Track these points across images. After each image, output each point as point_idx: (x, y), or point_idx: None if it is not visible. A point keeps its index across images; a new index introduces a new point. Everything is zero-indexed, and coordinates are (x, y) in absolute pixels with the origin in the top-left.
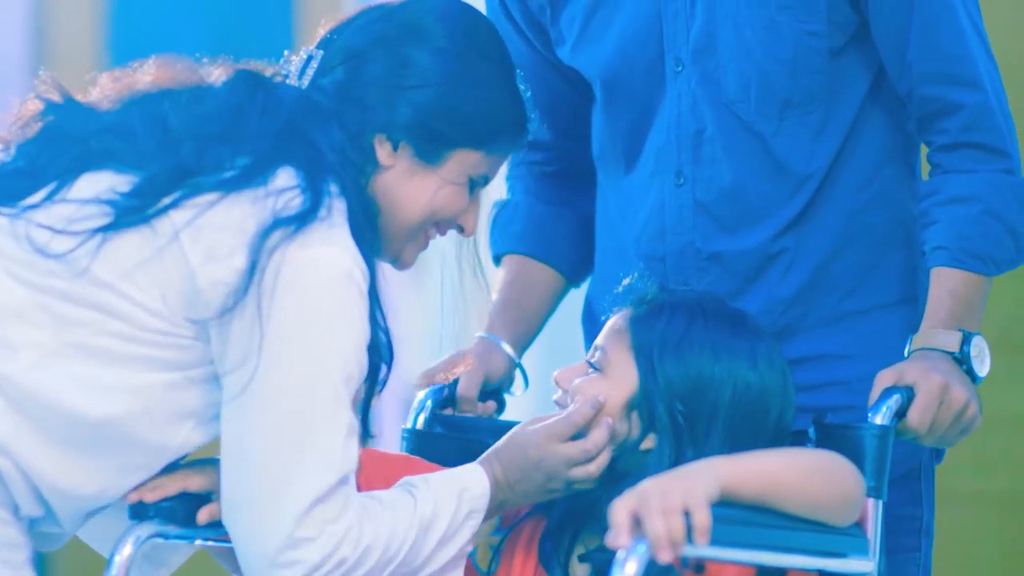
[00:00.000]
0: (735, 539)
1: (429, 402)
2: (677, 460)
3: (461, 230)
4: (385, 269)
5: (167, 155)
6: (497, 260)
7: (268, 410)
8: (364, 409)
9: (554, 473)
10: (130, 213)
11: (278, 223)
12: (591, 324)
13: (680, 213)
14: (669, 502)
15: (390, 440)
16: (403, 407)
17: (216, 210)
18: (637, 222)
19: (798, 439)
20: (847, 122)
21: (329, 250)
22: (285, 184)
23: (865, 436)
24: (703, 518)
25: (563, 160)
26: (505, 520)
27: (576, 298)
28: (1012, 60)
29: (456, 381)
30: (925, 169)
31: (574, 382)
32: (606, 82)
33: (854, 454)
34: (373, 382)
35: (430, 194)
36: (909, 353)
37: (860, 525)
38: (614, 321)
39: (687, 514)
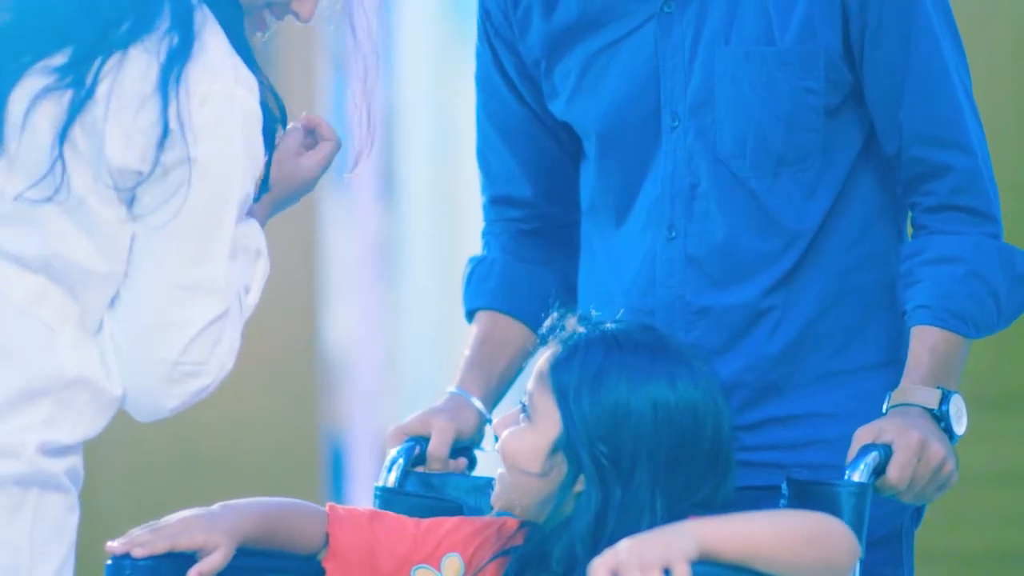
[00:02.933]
0: None
1: (401, 460)
2: (605, 500)
3: (297, 16)
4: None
5: (89, 16)
6: (470, 316)
7: (169, 230)
8: (266, 168)
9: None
10: (74, 96)
11: (165, 72)
12: None
13: (671, 267)
14: (647, 558)
15: (364, 498)
16: (377, 464)
17: (121, 77)
18: (627, 275)
19: (771, 495)
20: (839, 181)
21: (214, 86)
22: (162, 25)
23: (842, 494)
24: (683, 572)
25: (542, 219)
26: (469, 567)
27: None
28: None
29: (427, 438)
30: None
31: (502, 435)
32: (601, 135)
33: (831, 511)
34: (271, 143)
35: None
36: (888, 409)
37: None
38: (540, 363)
39: (667, 571)
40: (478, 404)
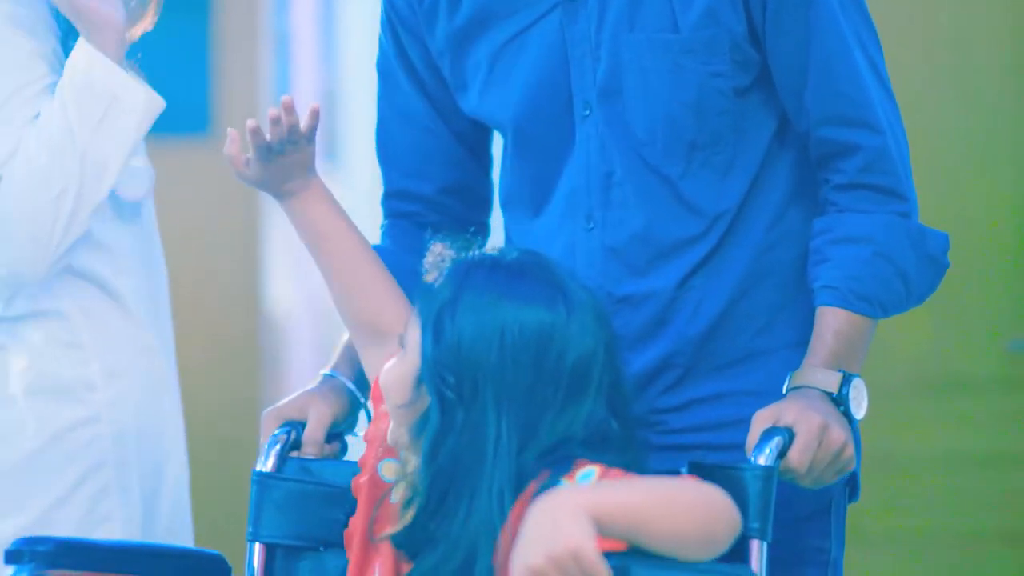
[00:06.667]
0: None
1: (279, 445)
2: (447, 425)
3: None
4: None
5: None
6: None
7: None
8: None
9: None
10: None
11: None
12: None
13: (590, 258)
14: (558, 557)
15: None
16: None
17: None
18: None
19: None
20: (755, 161)
21: None
22: None
23: (748, 477)
24: (593, 555)
25: (439, 213)
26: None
27: None
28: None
29: (303, 423)
30: None
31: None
32: (515, 127)
33: (736, 495)
34: None
35: None
36: (788, 390)
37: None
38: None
39: None
40: (352, 388)
